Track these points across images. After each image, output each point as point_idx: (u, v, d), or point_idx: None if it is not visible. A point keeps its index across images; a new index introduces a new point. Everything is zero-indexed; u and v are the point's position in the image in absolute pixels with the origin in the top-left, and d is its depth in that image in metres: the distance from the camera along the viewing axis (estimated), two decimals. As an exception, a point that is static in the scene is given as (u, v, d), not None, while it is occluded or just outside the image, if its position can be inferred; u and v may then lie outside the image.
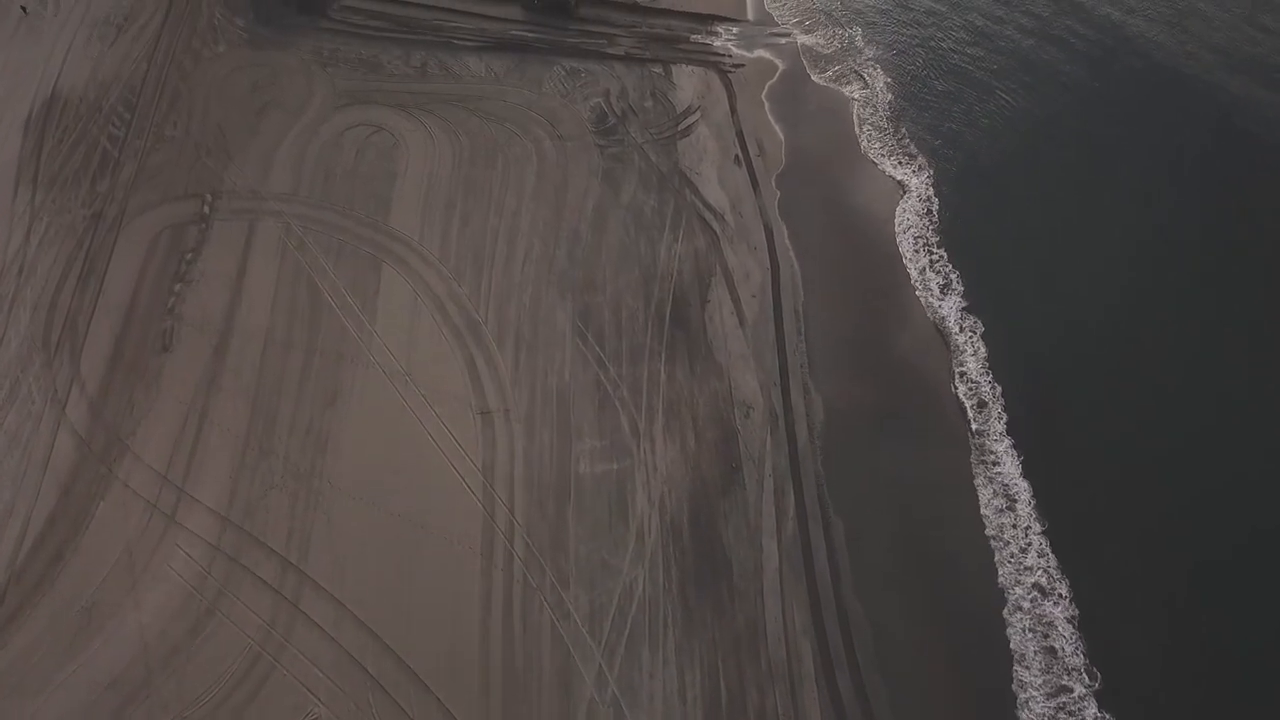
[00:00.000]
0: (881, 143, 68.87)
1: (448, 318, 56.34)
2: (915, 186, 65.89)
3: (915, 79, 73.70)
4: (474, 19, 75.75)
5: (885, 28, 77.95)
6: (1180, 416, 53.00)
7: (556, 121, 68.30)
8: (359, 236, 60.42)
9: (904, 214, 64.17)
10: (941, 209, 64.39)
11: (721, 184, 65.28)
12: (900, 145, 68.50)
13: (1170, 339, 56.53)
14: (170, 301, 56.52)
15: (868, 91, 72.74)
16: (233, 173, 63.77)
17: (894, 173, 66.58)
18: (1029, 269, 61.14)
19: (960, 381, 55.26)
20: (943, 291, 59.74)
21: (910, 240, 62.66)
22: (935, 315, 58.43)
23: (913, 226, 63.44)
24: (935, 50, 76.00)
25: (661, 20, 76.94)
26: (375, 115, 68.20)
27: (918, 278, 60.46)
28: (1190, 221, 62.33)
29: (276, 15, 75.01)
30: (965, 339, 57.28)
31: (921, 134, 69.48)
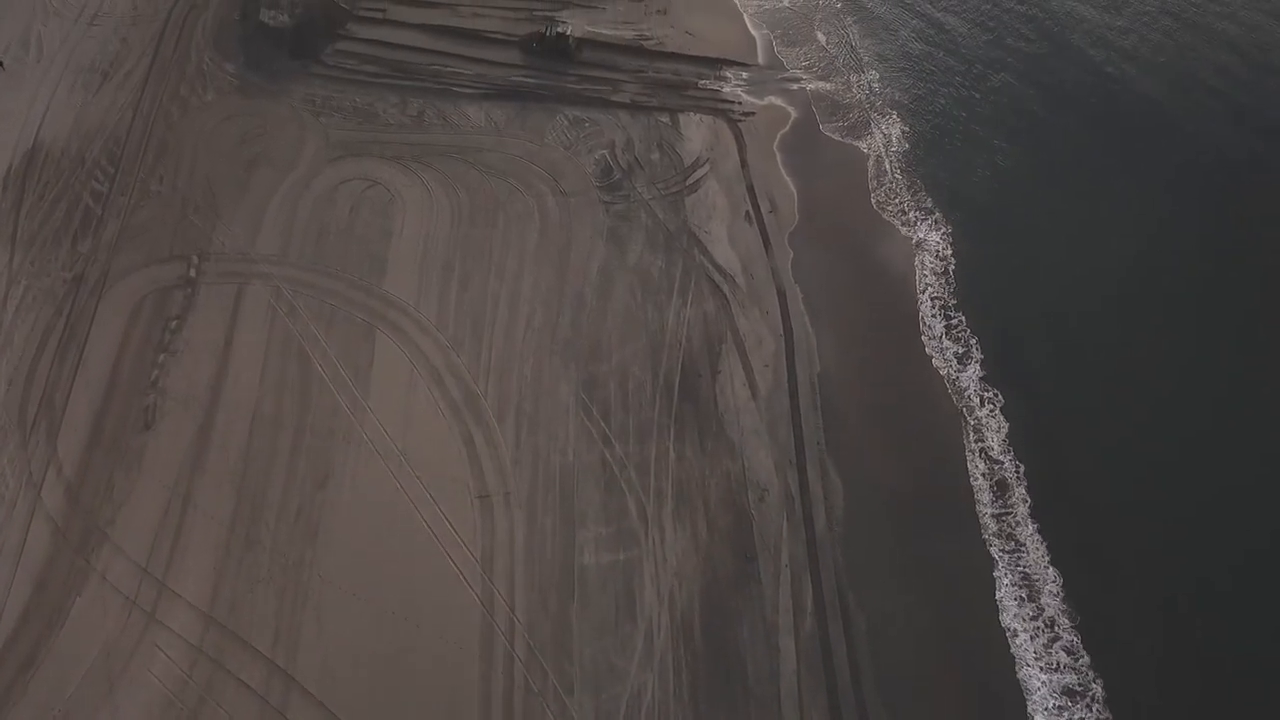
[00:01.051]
0: (897, 196, 67.24)
1: (445, 391, 54.50)
2: (932, 244, 64.23)
3: (931, 126, 72.21)
4: (473, 64, 74.23)
5: (900, 72, 76.52)
6: (1219, 498, 51.10)
7: (560, 175, 66.65)
8: (352, 301, 58.65)
9: (921, 274, 62.51)
10: (959, 268, 62.78)
11: (732, 243, 63.58)
12: (916, 199, 66.87)
13: (1203, 412, 54.73)
14: (153, 374, 54.69)
15: (883, 139, 71.20)
16: (221, 232, 62.06)
17: (910, 230, 64.94)
18: (1049, 333, 59.50)
19: (981, 460, 53.36)
20: (961, 361, 57.97)
21: (928, 303, 60.96)
22: (954, 387, 56.73)
23: (930, 287, 61.76)
24: (952, 95, 74.52)
25: (668, 64, 75.41)
26: (370, 169, 66.55)
27: (935, 346, 58.73)
28: (1226, 283, 60.56)
29: (268, 60, 73.47)
30: (986, 413, 55.50)
31: (938, 185, 67.90)
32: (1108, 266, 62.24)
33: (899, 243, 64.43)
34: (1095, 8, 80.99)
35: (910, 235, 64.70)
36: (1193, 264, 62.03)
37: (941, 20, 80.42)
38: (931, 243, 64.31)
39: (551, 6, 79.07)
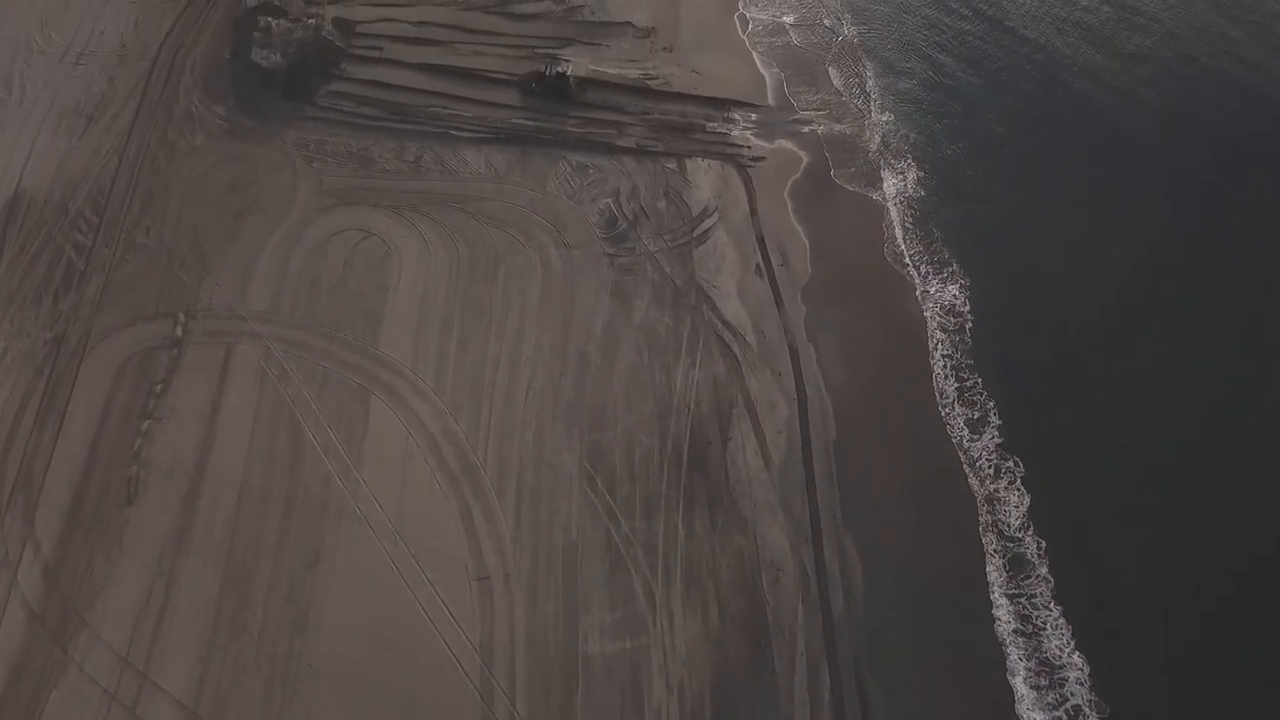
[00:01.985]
0: (912, 247, 65.79)
1: (442, 461, 52.85)
2: (948, 298, 62.75)
3: (947, 170, 70.79)
4: (472, 105, 72.78)
5: (915, 112, 75.05)
6: (1265, 582, 49.41)
7: (562, 226, 65.13)
8: (346, 363, 57.08)
9: (937, 332, 60.99)
10: (976, 325, 61.40)
11: (742, 299, 62.01)
12: (932, 251, 65.39)
13: (1252, 479, 53.03)
14: (137, 443, 53.05)
15: (898, 185, 69.75)
16: (209, 287, 60.53)
17: (926, 284, 63.49)
18: (1072, 396, 58.14)
19: (998, 538, 51.68)
20: (977, 427, 56.49)
21: (944, 364, 59.47)
22: (969, 456, 55.14)
23: (946, 346, 60.28)
24: (968, 137, 73.04)
25: (675, 106, 73.97)
26: (365, 218, 65.04)
27: (951, 412, 57.05)
28: (1266, 347, 59.02)
29: (260, 102, 72.03)
30: (1004, 485, 53.90)
31: (954, 235, 66.42)
32: (1137, 324, 60.73)
33: (914, 298, 62.94)
34: (1102, 52, 79.21)
35: (926, 290, 63.21)
36: (1236, 325, 60.45)
37: (955, 59, 79.09)
38: (948, 298, 62.77)
39: (554, 44, 77.70)
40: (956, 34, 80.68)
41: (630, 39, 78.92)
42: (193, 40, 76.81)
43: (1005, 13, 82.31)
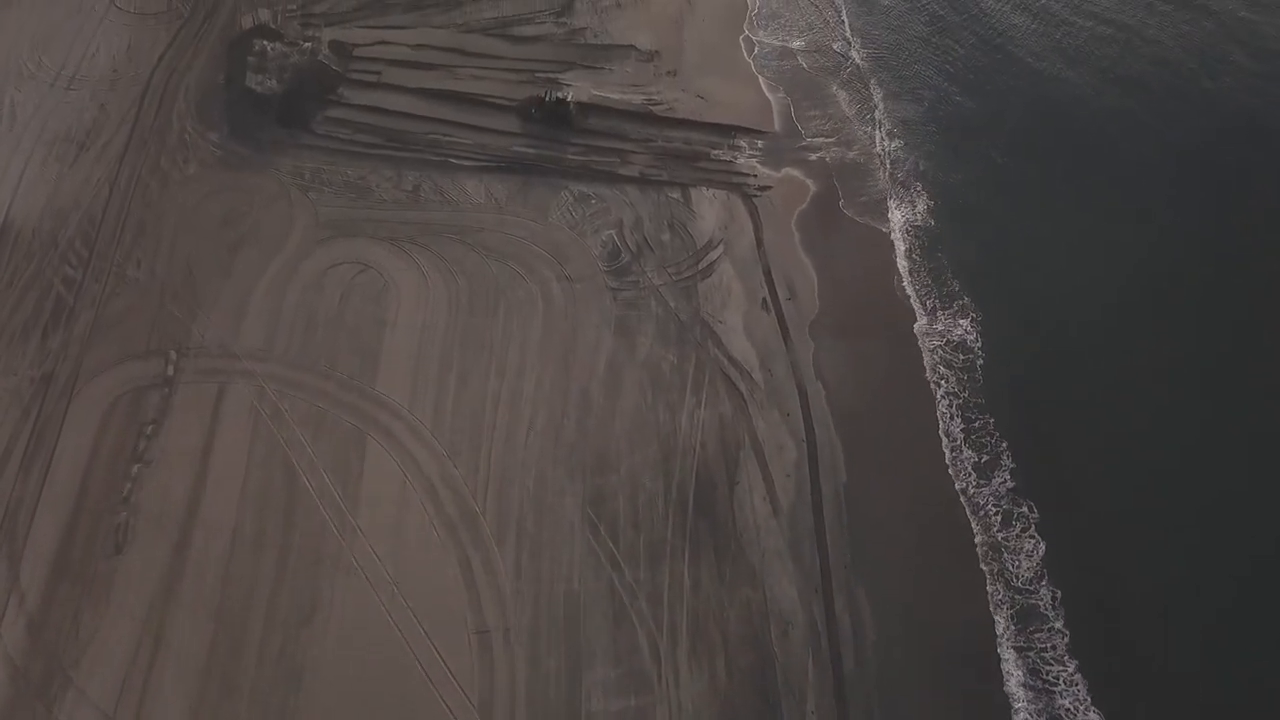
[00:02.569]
0: (923, 280, 64.74)
1: (440, 508, 51.85)
2: (959, 334, 61.75)
3: (958, 199, 69.75)
4: (472, 132, 71.86)
5: (925, 138, 74.03)
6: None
7: (564, 259, 64.17)
8: (342, 403, 56.08)
9: (948, 369, 59.81)
10: (987, 362, 60.35)
11: (748, 334, 60.99)
12: (942, 284, 64.36)
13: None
14: (126, 488, 52.07)
15: (908, 215, 68.72)
16: (201, 323, 59.56)
17: (937, 319, 62.51)
18: (1087, 436, 56.90)
19: (1012, 589, 50.70)
20: (990, 471, 55.49)
21: (954, 403, 58.51)
22: (982, 502, 54.14)
23: (957, 385, 59.32)
24: (979, 165, 72.05)
25: (679, 133, 73.00)
26: (362, 251, 64.10)
27: (962, 455, 56.01)
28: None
29: (254, 129, 71.13)
30: (1017, 532, 52.88)
31: (965, 267, 65.35)
32: (1155, 361, 59.62)
33: (926, 333, 61.74)
34: (1113, 81, 78.14)
35: (937, 325, 62.18)
36: (1272, 357, 59.47)
37: (964, 85, 78.08)
38: (959, 333, 61.75)
39: (555, 68, 76.80)
40: (966, 61, 79.73)
41: (633, 63, 78.02)
42: (186, 64, 75.93)
43: (1015, 41, 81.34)
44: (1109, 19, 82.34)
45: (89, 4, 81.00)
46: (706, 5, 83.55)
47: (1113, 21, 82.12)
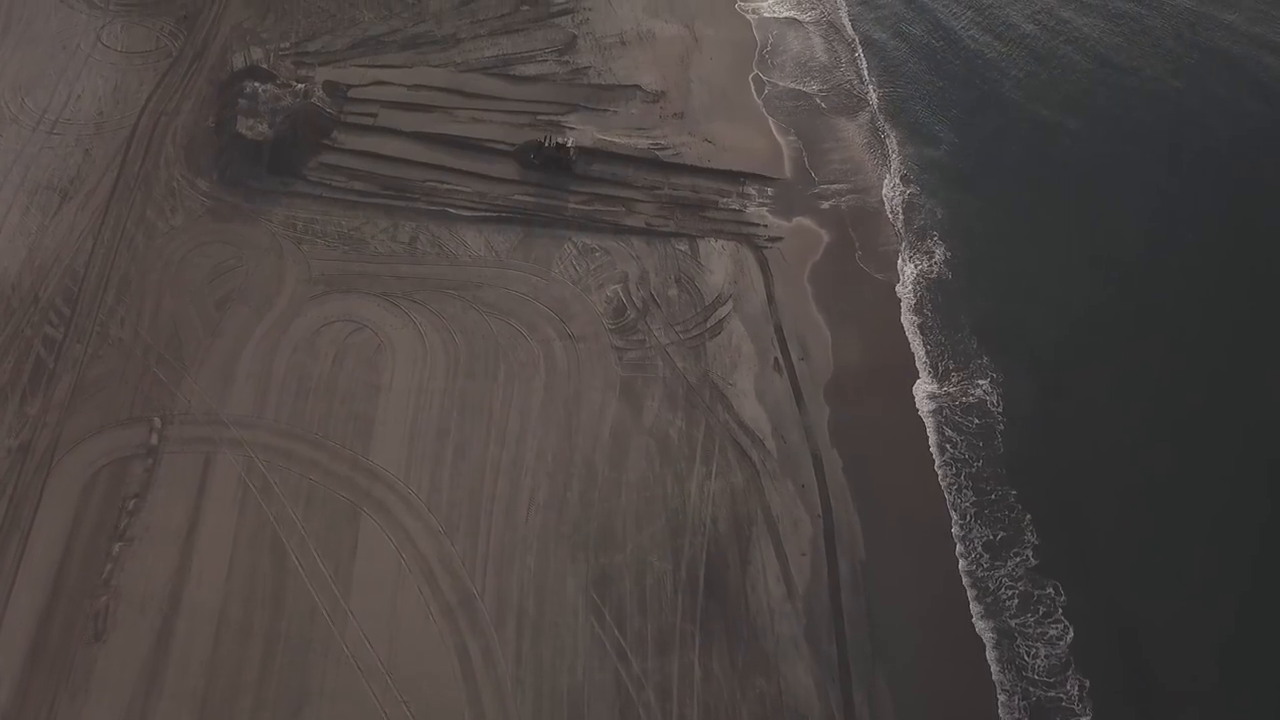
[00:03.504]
0: (941, 340, 63.46)
1: (437, 589, 50.25)
2: (978, 396, 60.70)
3: (976, 250, 68.51)
4: (472, 179, 70.55)
5: (943, 183, 72.79)
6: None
7: (568, 316, 62.70)
8: (334, 475, 54.52)
9: (967, 436, 58.36)
10: (1007, 429, 58.80)
11: (760, 398, 59.48)
12: (960, 341, 63.20)
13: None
14: (106, 570, 50.42)
15: (925, 268, 67.37)
16: (187, 387, 58.07)
17: (955, 381, 61.07)
18: (1111, 508, 55.39)
19: (1038, 678, 49.00)
20: (1012, 548, 53.86)
21: (975, 472, 56.82)
22: (1007, 579, 52.49)
23: (973, 451, 57.68)
24: (998, 212, 70.94)
25: (686, 179, 71.64)
26: (357, 308, 62.66)
27: (980, 530, 54.35)
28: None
29: (245, 176, 69.78)
30: (1041, 615, 51.00)
31: (984, 323, 64.29)
32: (1188, 427, 58.12)
33: (944, 396, 60.18)
34: (1142, 140, 76.74)
35: (955, 387, 60.58)
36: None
37: (983, 126, 76.89)
38: (978, 395, 60.47)
39: (558, 110, 75.60)
40: (985, 104, 78.55)
41: (639, 104, 76.80)
42: (175, 107, 74.65)
43: (1037, 87, 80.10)
44: (1131, 68, 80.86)
45: (74, 41, 79.75)
46: (714, 42, 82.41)
47: (1136, 72, 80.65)
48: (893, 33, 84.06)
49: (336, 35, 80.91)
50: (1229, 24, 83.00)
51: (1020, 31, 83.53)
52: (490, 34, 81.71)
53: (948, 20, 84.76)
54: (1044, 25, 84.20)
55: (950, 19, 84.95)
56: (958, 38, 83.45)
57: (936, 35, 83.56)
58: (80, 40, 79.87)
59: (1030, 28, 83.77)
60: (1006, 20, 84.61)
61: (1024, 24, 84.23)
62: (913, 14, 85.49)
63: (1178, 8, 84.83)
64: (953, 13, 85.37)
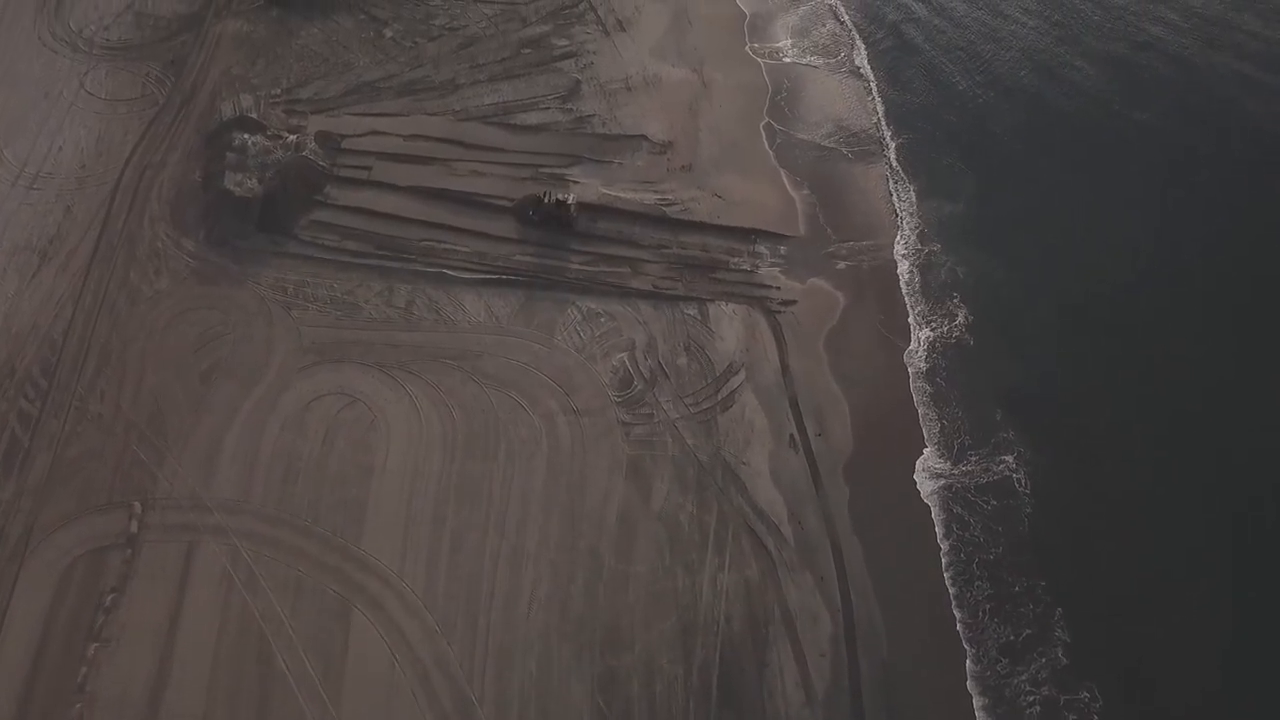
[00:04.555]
0: (961, 410, 61.46)
1: (434, 697, 48.21)
2: (1002, 474, 58.76)
3: (1001, 313, 66.37)
4: (470, 237, 68.60)
5: (963, 241, 70.65)
6: None
7: (571, 388, 60.67)
8: (324, 566, 52.48)
9: (992, 522, 56.27)
10: (1036, 510, 56.81)
11: (775, 479, 57.40)
12: (984, 413, 61.20)
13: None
14: (81, 674, 48.42)
15: (947, 332, 65.40)
16: (169, 468, 56.04)
17: (978, 461, 59.02)
18: (1153, 600, 53.15)
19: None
20: (1040, 646, 51.46)
21: (1001, 566, 54.75)
22: (1038, 682, 50.16)
23: (990, 535, 55.32)
24: (1023, 271, 68.73)
25: (695, 237, 69.64)
26: (349, 380, 60.65)
27: (1007, 628, 52.19)
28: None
29: (233, 234, 67.84)
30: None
31: (1010, 394, 62.10)
32: (1233, 503, 55.81)
33: (968, 475, 58.12)
34: (1175, 192, 74.46)
35: (979, 468, 58.55)
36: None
37: (1006, 177, 74.70)
38: (1002, 473, 58.60)
39: (560, 162, 73.64)
40: (1007, 153, 76.52)
41: (645, 155, 74.89)
42: (160, 160, 72.81)
43: (1062, 128, 78.01)
44: (1166, 113, 78.68)
45: (56, 89, 78.02)
46: (724, 88, 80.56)
47: (1170, 114, 78.58)
48: (910, 78, 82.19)
49: (330, 81, 79.04)
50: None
51: (1047, 79, 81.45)
52: (490, 79, 79.78)
53: (969, 65, 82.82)
54: (1070, 72, 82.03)
55: (971, 64, 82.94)
56: (979, 84, 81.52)
57: (957, 81, 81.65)
58: (63, 87, 78.09)
59: (1057, 75, 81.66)
60: (1033, 66, 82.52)
61: (1050, 70, 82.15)
62: (932, 58, 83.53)
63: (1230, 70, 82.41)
64: (974, 57, 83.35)
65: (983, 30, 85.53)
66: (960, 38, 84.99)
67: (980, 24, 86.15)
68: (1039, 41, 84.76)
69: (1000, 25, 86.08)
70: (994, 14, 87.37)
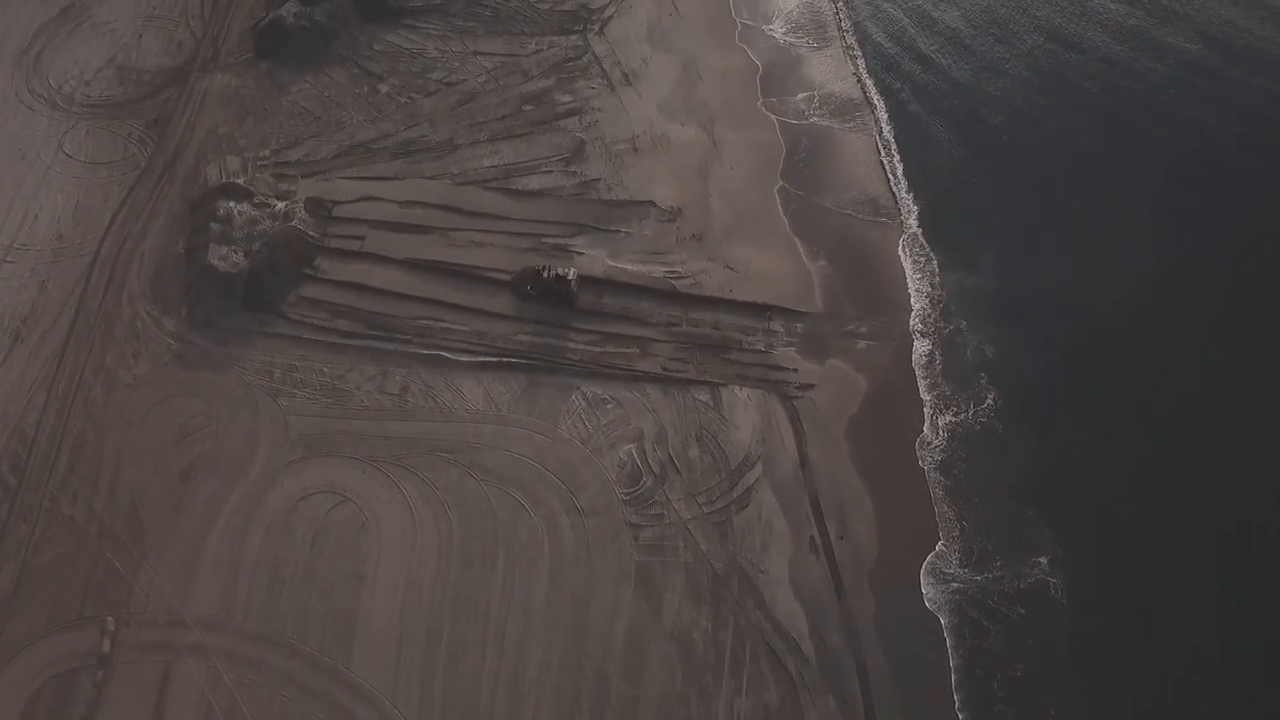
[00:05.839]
0: (993, 509, 58.62)
1: (428, 844, 45.08)
2: (1034, 581, 56.23)
3: (1033, 398, 63.69)
4: (469, 315, 66.21)
5: (989, 317, 67.68)
6: None
7: (576, 485, 58.09)
8: (311, 690, 50.03)
9: (1028, 640, 53.28)
10: (1075, 627, 53.64)
11: (795, 588, 54.79)
12: (1017, 518, 58.43)
13: None
14: (45, 820, 45.34)
15: (974, 418, 62.79)
16: (145, 578, 53.65)
17: (1012, 568, 56.17)
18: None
19: None
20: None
21: (1015, 680, 51.61)
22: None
23: (1035, 656, 52.69)
24: (1054, 350, 66.02)
25: (706, 314, 67.07)
26: (339, 476, 58.22)
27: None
28: None
29: (217, 313, 65.43)
30: None
31: (1043, 490, 59.49)
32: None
33: (1001, 583, 55.34)
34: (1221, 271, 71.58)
35: (1013, 575, 55.81)
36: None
37: (1033, 244, 72.05)
38: (1034, 580, 55.96)
39: (565, 231, 71.18)
40: (1035, 213, 73.71)
41: (653, 223, 72.39)
42: (141, 230, 70.48)
43: (1089, 191, 75.32)
44: (1211, 183, 75.91)
45: (34, 150, 75.81)
46: (735, 148, 78.09)
47: (1217, 183, 75.84)
48: (932, 137, 79.43)
49: (322, 141, 76.67)
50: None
51: (1077, 141, 78.68)
52: (490, 139, 77.39)
53: (994, 125, 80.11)
54: (1103, 136, 79.28)
55: (997, 123, 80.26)
56: (1005, 145, 78.81)
57: (981, 141, 78.90)
58: (41, 149, 75.85)
59: (1089, 138, 78.92)
60: (1064, 127, 79.69)
61: (1083, 134, 79.35)
62: (954, 117, 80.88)
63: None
64: (999, 117, 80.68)
65: (1009, 87, 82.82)
66: (984, 95, 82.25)
67: (1007, 80, 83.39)
68: (1070, 100, 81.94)
69: (1029, 81, 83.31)
70: (1020, 70, 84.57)
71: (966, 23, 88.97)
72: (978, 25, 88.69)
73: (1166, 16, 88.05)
